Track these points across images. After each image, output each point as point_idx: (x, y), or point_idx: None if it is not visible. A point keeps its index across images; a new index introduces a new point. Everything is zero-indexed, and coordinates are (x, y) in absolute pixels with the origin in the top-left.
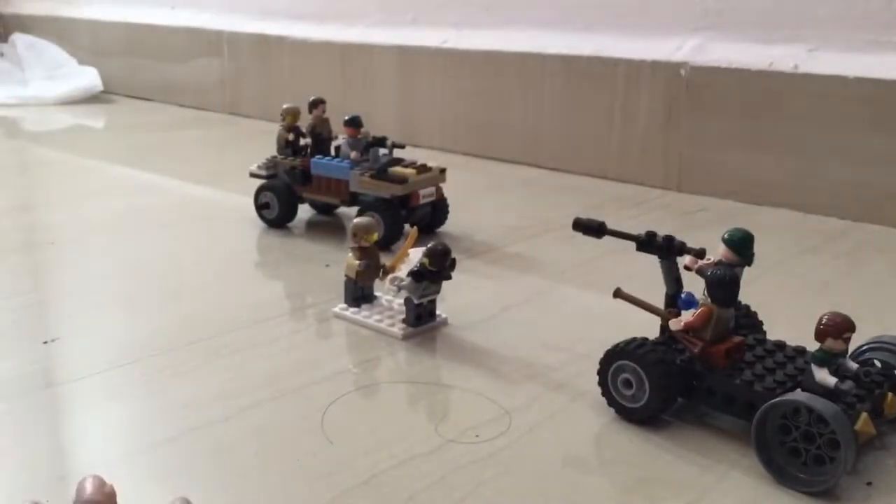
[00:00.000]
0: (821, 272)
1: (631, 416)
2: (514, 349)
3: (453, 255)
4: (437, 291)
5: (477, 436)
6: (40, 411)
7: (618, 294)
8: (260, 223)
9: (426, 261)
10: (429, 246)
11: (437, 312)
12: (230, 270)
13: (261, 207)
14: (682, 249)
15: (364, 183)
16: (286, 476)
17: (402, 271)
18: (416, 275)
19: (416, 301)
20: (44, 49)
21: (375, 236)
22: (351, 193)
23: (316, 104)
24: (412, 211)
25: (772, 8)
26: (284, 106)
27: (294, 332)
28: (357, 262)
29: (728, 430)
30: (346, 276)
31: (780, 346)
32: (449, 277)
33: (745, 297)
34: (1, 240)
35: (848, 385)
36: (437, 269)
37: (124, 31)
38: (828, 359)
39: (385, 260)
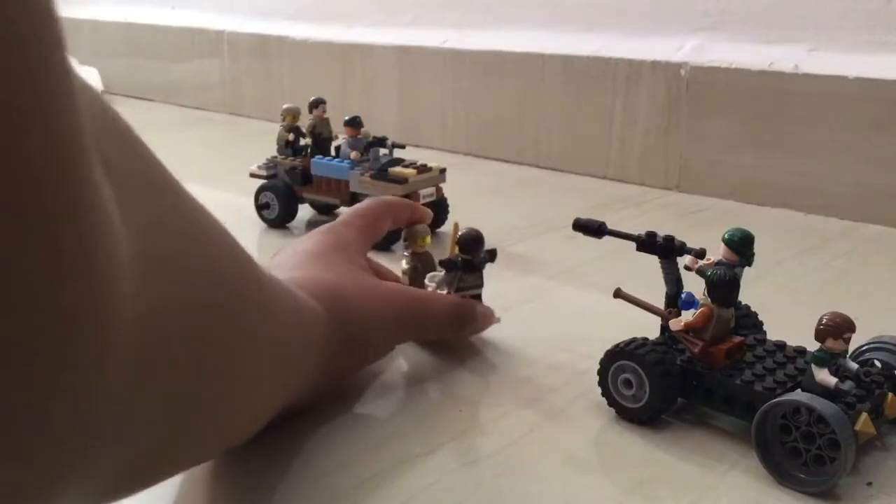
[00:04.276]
0: (821, 272)
1: (631, 416)
2: (515, 349)
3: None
4: (480, 285)
5: (477, 435)
6: None
7: (618, 294)
8: (260, 223)
9: (456, 249)
10: (459, 234)
11: None
12: None
13: (261, 208)
14: (683, 249)
15: (364, 183)
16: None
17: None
18: (448, 264)
19: (451, 293)
20: None
21: (428, 240)
22: (351, 193)
23: (316, 104)
24: None
25: (772, 8)
26: (284, 106)
27: None
28: (406, 265)
29: (728, 430)
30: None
31: (781, 346)
32: (483, 266)
33: (745, 297)
34: None
35: (848, 385)
36: (470, 257)
37: (124, 31)
38: (828, 359)
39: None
